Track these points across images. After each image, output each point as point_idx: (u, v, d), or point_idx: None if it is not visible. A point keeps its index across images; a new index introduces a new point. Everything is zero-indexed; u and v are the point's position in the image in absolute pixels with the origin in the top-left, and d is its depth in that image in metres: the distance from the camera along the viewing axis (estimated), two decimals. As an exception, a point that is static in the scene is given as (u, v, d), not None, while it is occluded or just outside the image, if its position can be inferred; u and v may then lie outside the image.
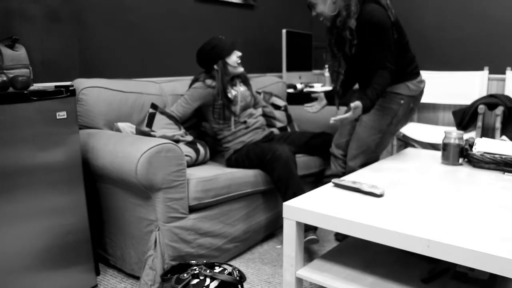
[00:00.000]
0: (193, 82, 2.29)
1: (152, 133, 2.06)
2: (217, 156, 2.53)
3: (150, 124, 2.13)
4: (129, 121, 2.14)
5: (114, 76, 2.41)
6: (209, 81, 2.22)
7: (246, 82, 2.39)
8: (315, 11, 1.97)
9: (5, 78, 1.46)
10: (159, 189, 1.67)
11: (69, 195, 1.66)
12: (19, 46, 1.65)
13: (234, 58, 2.23)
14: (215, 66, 2.21)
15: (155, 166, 1.62)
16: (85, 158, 1.82)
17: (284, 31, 3.24)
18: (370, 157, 2.05)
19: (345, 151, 2.20)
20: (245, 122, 2.29)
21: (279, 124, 2.64)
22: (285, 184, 1.99)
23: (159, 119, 2.16)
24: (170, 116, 2.19)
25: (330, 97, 2.22)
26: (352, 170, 2.05)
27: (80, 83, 2.02)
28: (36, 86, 1.83)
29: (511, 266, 0.97)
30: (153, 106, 2.18)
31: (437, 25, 3.28)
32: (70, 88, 1.62)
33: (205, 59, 2.24)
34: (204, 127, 2.60)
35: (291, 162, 2.01)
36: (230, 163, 2.26)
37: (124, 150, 1.68)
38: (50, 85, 2.04)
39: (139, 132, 2.02)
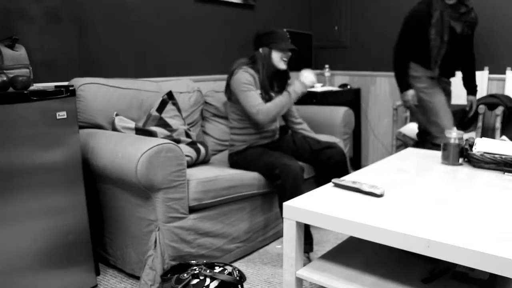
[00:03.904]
0: (234, 70, 2.18)
1: (151, 129, 2.06)
2: (219, 155, 2.54)
3: (160, 109, 2.17)
4: (129, 116, 2.15)
5: (114, 76, 2.41)
6: (251, 71, 2.16)
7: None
8: None
9: (5, 78, 1.46)
10: (159, 189, 1.67)
11: (69, 195, 1.66)
12: (19, 46, 1.64)
13: (278, 56, 2.18)
14: (260, 50, 2.19)
15: (155, 166, 1.62)
16: (85, 158, 1.82)
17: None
18: None
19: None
20: None
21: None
22: (289, 195, 1.94)
23: (170, 108, 2.20)
24: (179, 110, 2.25)
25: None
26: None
27: (78, 81, 2.03)
28: (36, 86, 1.82)
29: (511, 266, 0.97)
30: (169, 94, 2.23)
31: (437, 25, 3.27)
32: (70, 88, 1.62)
33: (257, 38, 2.22)
34: (204, 126, 2.60)
35: (299, 180, 1.97)
36: (231, 163, 2.25)
37: (124, 150, 1.68)
38: (50, 85, 2.03)
39: (139, 131, 2.02)
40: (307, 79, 2.17)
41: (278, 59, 2.20)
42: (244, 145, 2.23)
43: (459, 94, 3.17)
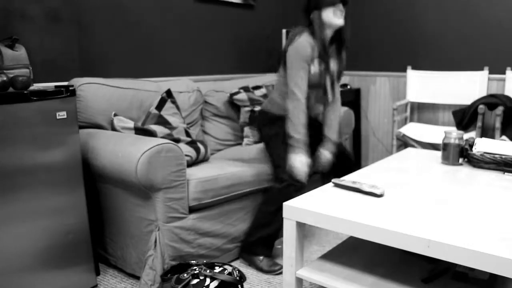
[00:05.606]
0: (291, 39, 2.02)
1: (151, 127, 2.06)
2: (218, 154, 2.54)
3: (160, 107, 2.18)
4: (128, 116, 2.15)
5: (113, 76, 2.41)
6: (311, 40, 2.00)
7: (340, 59, 2.15)
8: None
9: (5, 78, 1.46)
10: (159, 189, 1.67)
11: (69, 195, 1.66)
12: (19, 46, 1.64)
13: (331, 13, 1.98)
14: (311, 16, 2.03)
15: (155, 166, 1.63)
16: (85, 158, 1.82)
17: (284, 31, 3.24)
18: None
19: None
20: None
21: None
22: (275, 202, 1.94)
23: (169, 106, 2.21)
24: (178, 108, 2.26)
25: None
26: None
27: (78, 81, 2.04)
28: (36, 86, 1.82)
29: (511, 266, 0.97)
30: (168, 92, 2.24)
31: (437, 25, 3.28)
32: (70, 88, 1.62)
33: (305, 8, 2.08)
34: (203, 126, 2.60)
35: (293, 196, 1.91)
36: (259, 120, 2.16)
37: (124, 150, 1.68)
38: (50, 85, 2.03)
39: (139, 130, 2.02)
40: (324, 160, 2.06)
41: (331, 16, 1.99)
42: (283, 112, 2.09)
43: (459, 94, 3.18)
